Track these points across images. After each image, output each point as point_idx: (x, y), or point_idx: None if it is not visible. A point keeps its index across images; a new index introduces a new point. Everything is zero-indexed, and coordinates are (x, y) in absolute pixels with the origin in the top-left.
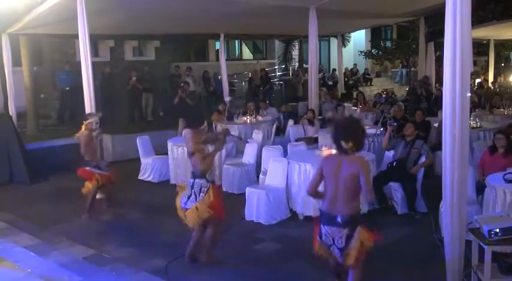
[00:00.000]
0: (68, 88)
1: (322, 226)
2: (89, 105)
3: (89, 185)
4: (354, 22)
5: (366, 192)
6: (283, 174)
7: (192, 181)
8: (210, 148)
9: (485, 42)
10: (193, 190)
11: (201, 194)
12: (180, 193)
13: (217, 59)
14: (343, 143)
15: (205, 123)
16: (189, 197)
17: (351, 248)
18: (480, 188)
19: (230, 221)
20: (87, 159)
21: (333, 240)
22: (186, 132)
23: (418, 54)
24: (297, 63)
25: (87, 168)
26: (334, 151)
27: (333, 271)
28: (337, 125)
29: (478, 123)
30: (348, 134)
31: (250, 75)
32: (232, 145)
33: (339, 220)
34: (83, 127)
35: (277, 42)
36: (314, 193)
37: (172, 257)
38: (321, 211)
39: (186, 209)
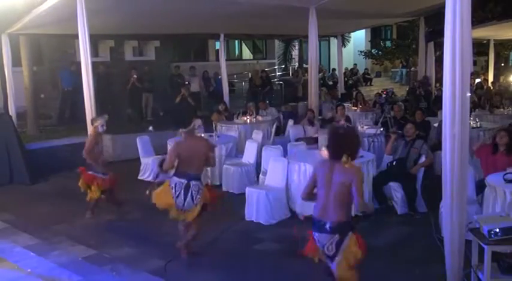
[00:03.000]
0: (70, 88)
1: (313, 232)
2: (89, 105)
3: (92, 195)
4: (354, 22)
5: (357, 202)
6: (283, 174)
7: (185, 181)
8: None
9: (485, 42)
10: (190, 191)
11: (198, 196)
12: (162, 191)
13: (217, 59)
14: (338, 154)
15: (194, 122)
16: (184, 199)
17: (341, 256)
18: (480, 188)
19: (230, 221)
20: (90, 162)
21: (323, 247)
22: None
23: (418, 54)
24: (297, 63)
25: (90, 172)
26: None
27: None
28: (333, 135)
29: (478, 123)
30: (343, 147)
31: (250, 76)
32: (232, 145)
33: (327, 226)
34: (91, 131)
35: (277, 42)
36: (309, 197)
37: (172, 257)
38: (313, 217)
39: (185, 210)
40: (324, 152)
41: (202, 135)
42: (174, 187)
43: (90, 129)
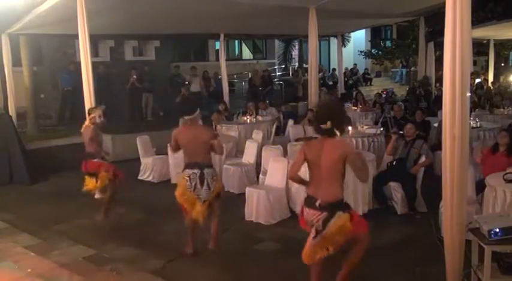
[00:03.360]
0: (70, 88)
1: (304, 207)
2: (89, 105)
3: (89, 184)
4: (354, 22)
5: (360, 172)
6: (283, 174)
7: (198, 171)
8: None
9: (485, 42)
10: (205, 180)
11: (213, 183)
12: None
13: (217, 59)
14: (321, 125)
15: (198, 111)
16: (202, 188)
17: (329, 231)
18: (480, 188)
19: (230, 221)
20: (92, 151)
21: (311, 222)
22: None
23: (418, 54)
24: (296, 63)
25: (95, 160)
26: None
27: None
28: (317, 108)
29: (478, 123)
30: (326, 115)
31: (250, 76)
32: (232, 145)
33: (317, 203)
34: (87, 122)
35: (277, 42)
36: (295, 177)
37: (172, 257)
38: (307, 193)
39: (205, 200)
40: None
41: None
42: (189, 179)
43: (86, 121)
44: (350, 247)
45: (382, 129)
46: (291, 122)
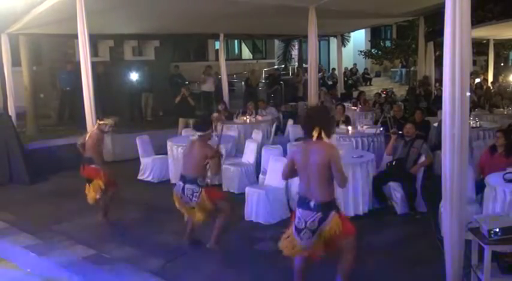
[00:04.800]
0: (68, 88)
1: (297, 208)
2: (89, 105)
3: (91, 192)
4: (354, 22)
5: (338, 178)
6: None
7: (181, 184)
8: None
9: (484, 42)
10: (185, 194)
11: (194, 199)
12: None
13: (217, 59)
14: (309, 131)
15: (209, 130)
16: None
17: (323, 230)
18: (480, 188)
19: (230, 221)
20: (91, 156)
21: (305, 223)
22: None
23: (418, 54)
24: (296, 63)
25: (93, 166)
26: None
27: (296, 270)
28: (304, 113)
29: (478, 123)
30: (314, 122)
31: (248, 76)
32: (232, 144)
33: (311, 204)
34: (95, 126)
35: (276, 42)
36: (289, 177)
37: (172, 257)
38: (298, 194)
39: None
40: None
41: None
42: (176, 187)
43: (94, 125)
44: (339, 254)
45: (381, 129)
46: (291, 122)
